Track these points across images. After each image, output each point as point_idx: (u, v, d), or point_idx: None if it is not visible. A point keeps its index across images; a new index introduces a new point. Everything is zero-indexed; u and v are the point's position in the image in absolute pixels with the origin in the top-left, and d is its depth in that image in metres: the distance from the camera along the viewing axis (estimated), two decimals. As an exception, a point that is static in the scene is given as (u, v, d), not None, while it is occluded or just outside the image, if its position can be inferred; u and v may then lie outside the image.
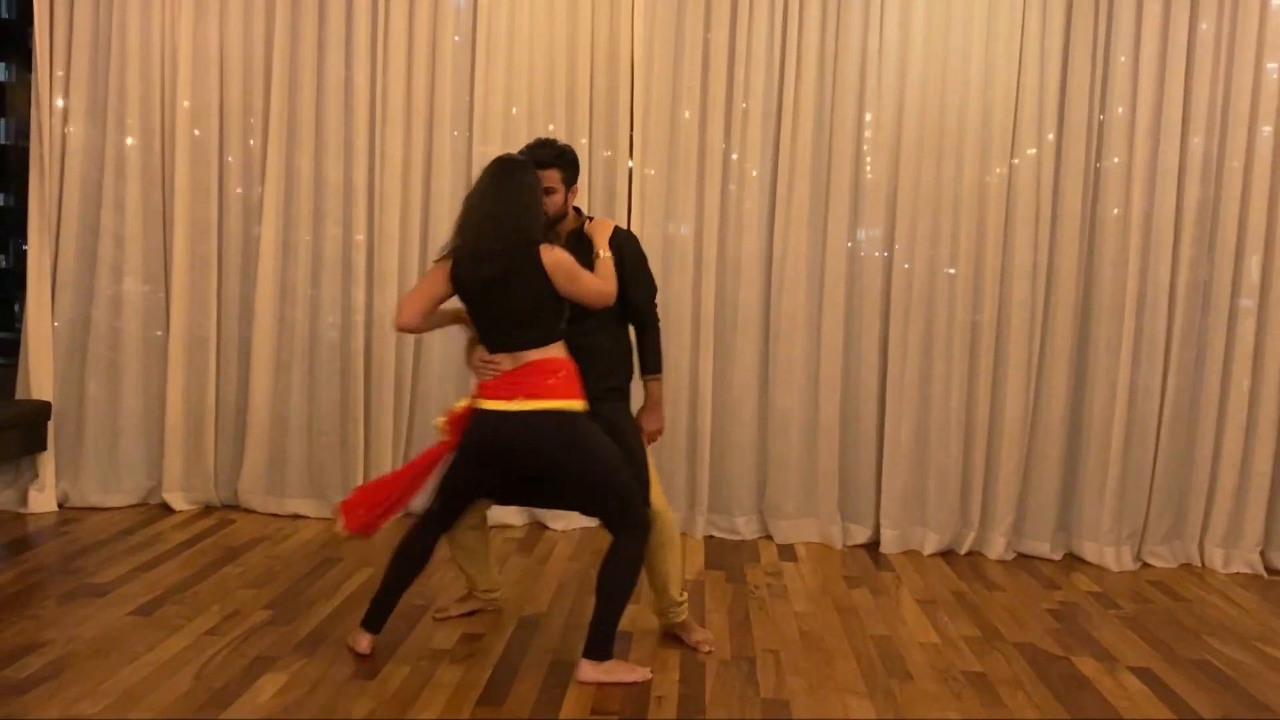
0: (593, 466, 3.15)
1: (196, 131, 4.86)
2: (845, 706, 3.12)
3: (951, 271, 4.76)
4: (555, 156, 3.29)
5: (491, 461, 3.20)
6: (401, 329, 3.26)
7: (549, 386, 3.12)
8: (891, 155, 4.76)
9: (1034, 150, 4.67)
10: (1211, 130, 4.63)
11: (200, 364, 4.93)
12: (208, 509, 4.97)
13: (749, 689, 3.21)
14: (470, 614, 3.74)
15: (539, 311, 3.14)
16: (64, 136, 4.85)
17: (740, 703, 3.11)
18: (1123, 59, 4.62)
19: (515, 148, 4.71)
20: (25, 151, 4.95)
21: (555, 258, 3.10)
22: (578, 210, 3.45)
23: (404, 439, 4.98)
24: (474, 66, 4.82)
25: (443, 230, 4.86)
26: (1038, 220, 4.69)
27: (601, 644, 3.20)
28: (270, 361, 4.93)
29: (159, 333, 4.94)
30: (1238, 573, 4.72)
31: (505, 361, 3.16)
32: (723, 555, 4.62)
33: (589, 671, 3.19)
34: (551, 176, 3.28)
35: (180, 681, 3.08)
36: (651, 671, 3.26)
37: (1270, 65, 4.61)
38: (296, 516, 4.92)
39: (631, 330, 3.49)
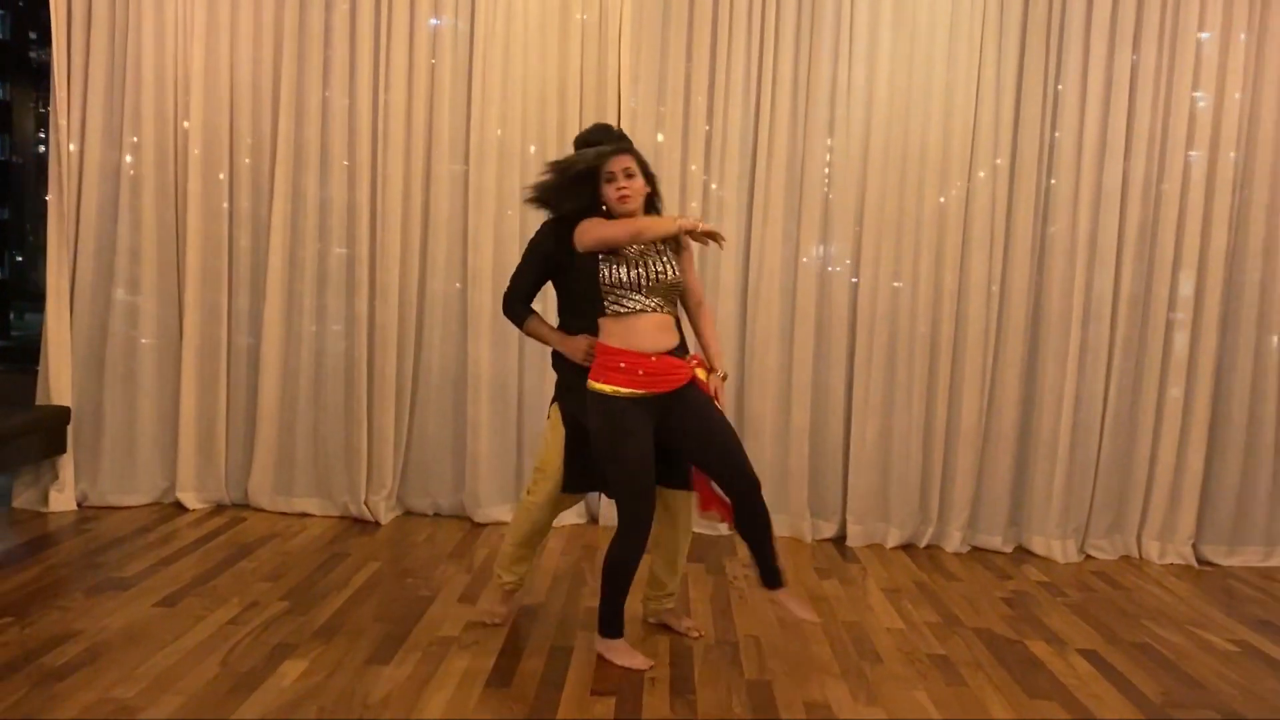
0: (597, 450, 3.27)
1: (204, 152, 4.91)
2: (822, 686, 3.24)
3: (898, 284, 4.90)
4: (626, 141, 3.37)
5: None
6: None
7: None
8: (858, 181, 4.91)
9: (986, 174, 4.84)
10: (1151, 155, 4.81)
11: (212, 371, 4.98)
12: (219, 508, 5.03)
13: (734, 671, 3.33)
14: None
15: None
16: (81, 155, 4.89)
17: (727, 684, 3.23)
18: (1070, 89, 4.79)
19: (508, 173, 4.90)
20: (24, 168, 4.98)
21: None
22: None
23: (404, 441, 5.06)
24: (470, 95, 4.91)
25: (441, 247, 4.97)
26: (992, 240, 4.86)
27: (600, 623, 3.34)
28: (278, 369, 5.00)
29: (173, 342, 4.99)
30: (1171, 564, 4.90)
31: None
32: (703, 549, 4.74)
33: (597, 645, 3.35)
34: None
35: (208, 667, 3.15)
36: (651, 663, 3.32)
37: (1198, 94, 4.81)
38: (304, 515, 4.99)
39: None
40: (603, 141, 3.32)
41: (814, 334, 4.93)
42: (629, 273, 3.19)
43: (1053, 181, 4.86)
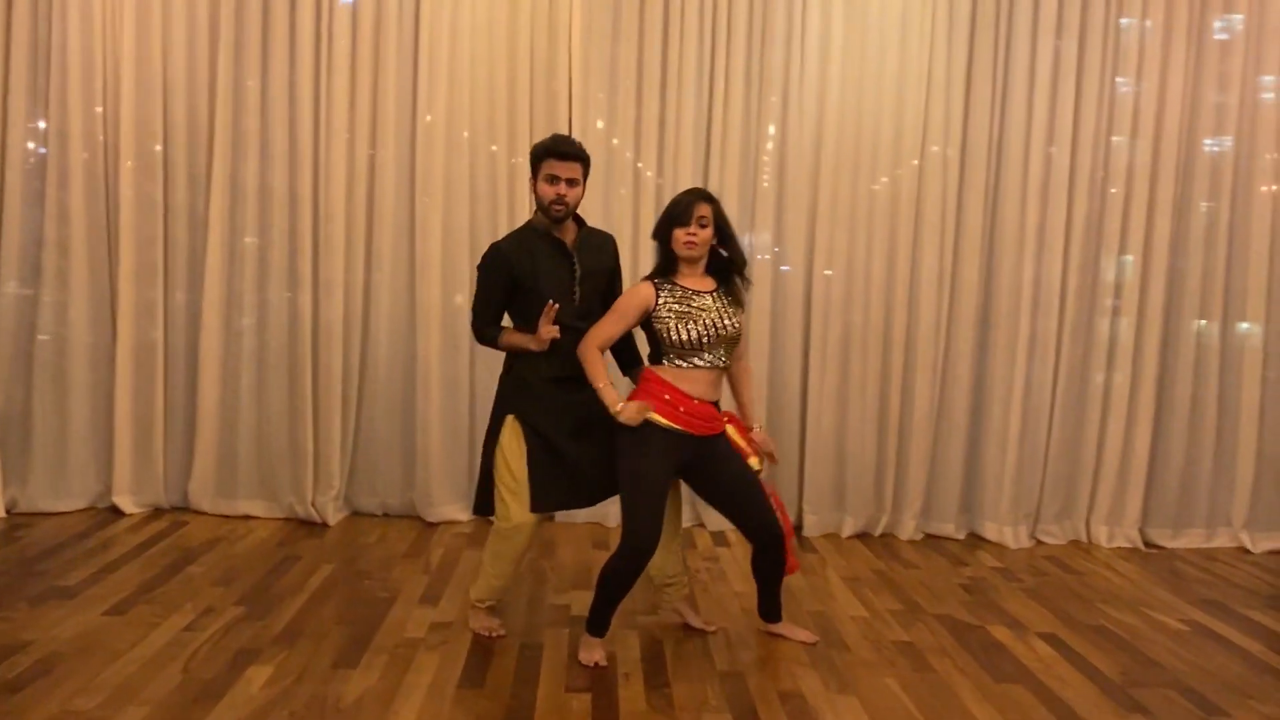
0: (619, 466, 3.36)
1: (137, 142, 4.85)
2: (794, 676, 3.36)
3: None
4: (580, 150, 3.44)
5: None
6: None
7: None
8: (811, 172, 5.04)
9: (937, 165, 4.99)
10: (1097, 145, 5.02)
11: (148, 370, 4.93)
12: (158, 511, 4.98)
13: (706, 663, 3.43)
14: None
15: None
16: (3, 145, 4.78)
17: (700, 676, 3.33)
18: (1017, 80, 4.98)
19: (457, 162, 4.93)
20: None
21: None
22: (579, 219, 3.58)
23: (351, 440, 5.06)
24: (416, 83, 4.92)
25: (387, 240, 4.98)
26: (943, 231, 5.03)
27: (589, 622, 3.44)
28: (218, 367, 4.96)
29: (106, 340, 4.92)
30: (1119, 547, 5.14)
31: None
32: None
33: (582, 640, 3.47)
34: (574, 168, 3.40)
35: (170, 675, 3.15)
36: (604, 662, 3.38)
37: (1123, 81, 5.03)
38: (248, 517, 4.96)
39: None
40: (557, 149, 3.39)
41: (770, 327, 5.06)
42: (694, 332, 3.30)
43: (1001, 172, 5.04)
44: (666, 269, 3.40)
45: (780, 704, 3.14)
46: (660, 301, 3.33)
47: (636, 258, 4.95)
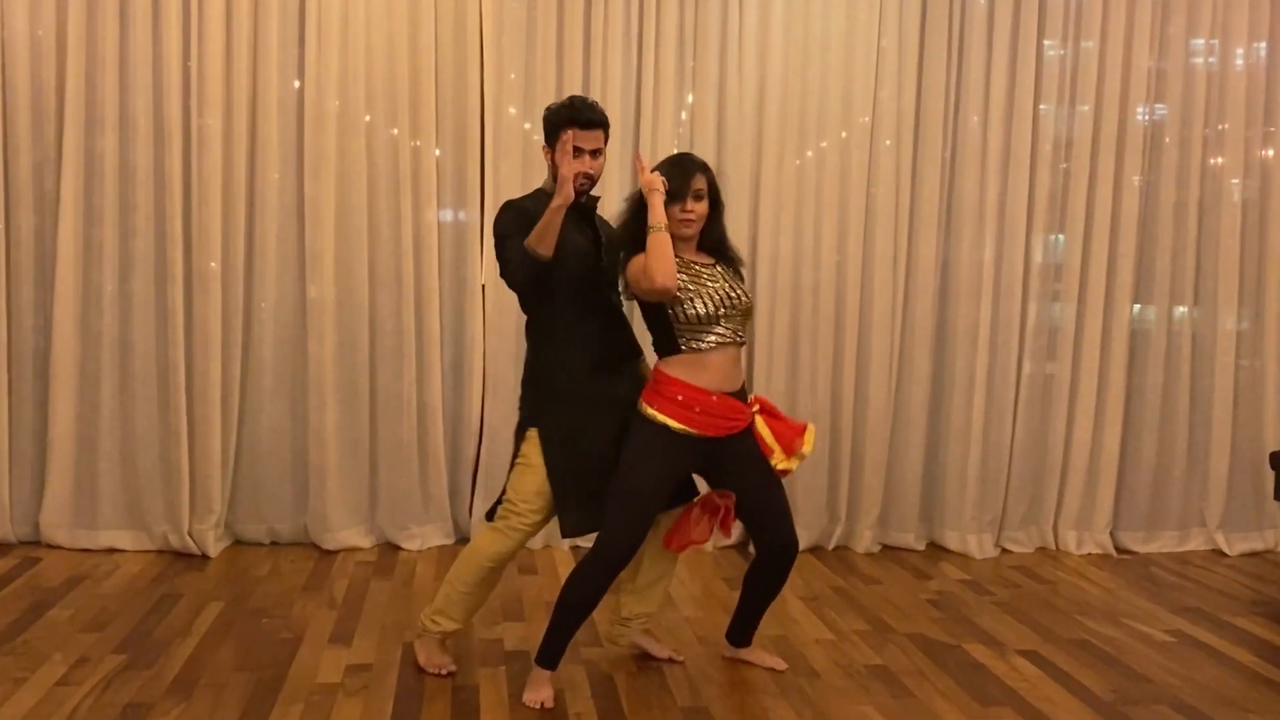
0: (622, 470, 3.33)
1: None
2: (764, 709, 3.41)
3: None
4: (603, 114, 3.38)
5: None
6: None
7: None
8: (754, 146, 5.10)
9: (891, 141, 5.11)
10: (1059, 117, 5.20)
11: (-12, 381, 4.74)
12: (4, 547, 4.79)
13: (666, 698, 3.46)
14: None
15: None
16: None
17: (660, 712, 3.35)
18: (974, 50, 5.13)
19: (352, 138, 4.84)
20: None
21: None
22: None
23: (232, 458, 4.94)
24: (303, 48, 4.83)
25: (271, 228, 4.87)
26: (897, 208, 5.14)
27: (542, 652, 3.40)
28: (73, 376, 4.80)
29: (-64, 346, 4.72)
30: (1090, 553, 5.33)
31: None
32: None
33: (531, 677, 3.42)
34: (597, 137, 3.35)
35: (48, 740, 3.04)
36: (550, 703, 3.35)
37: (1087, 42, 5.22)
38: (113, 550, 4.82)
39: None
40: (579, 117, 3.32)
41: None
42: (705, 307, 3.28)
43: (958, 142, 5.18)
44: None
45: (754, 740, 3.18)
46: None
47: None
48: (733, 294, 3.36)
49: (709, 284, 3.33)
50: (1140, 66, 5.22)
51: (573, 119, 3.31)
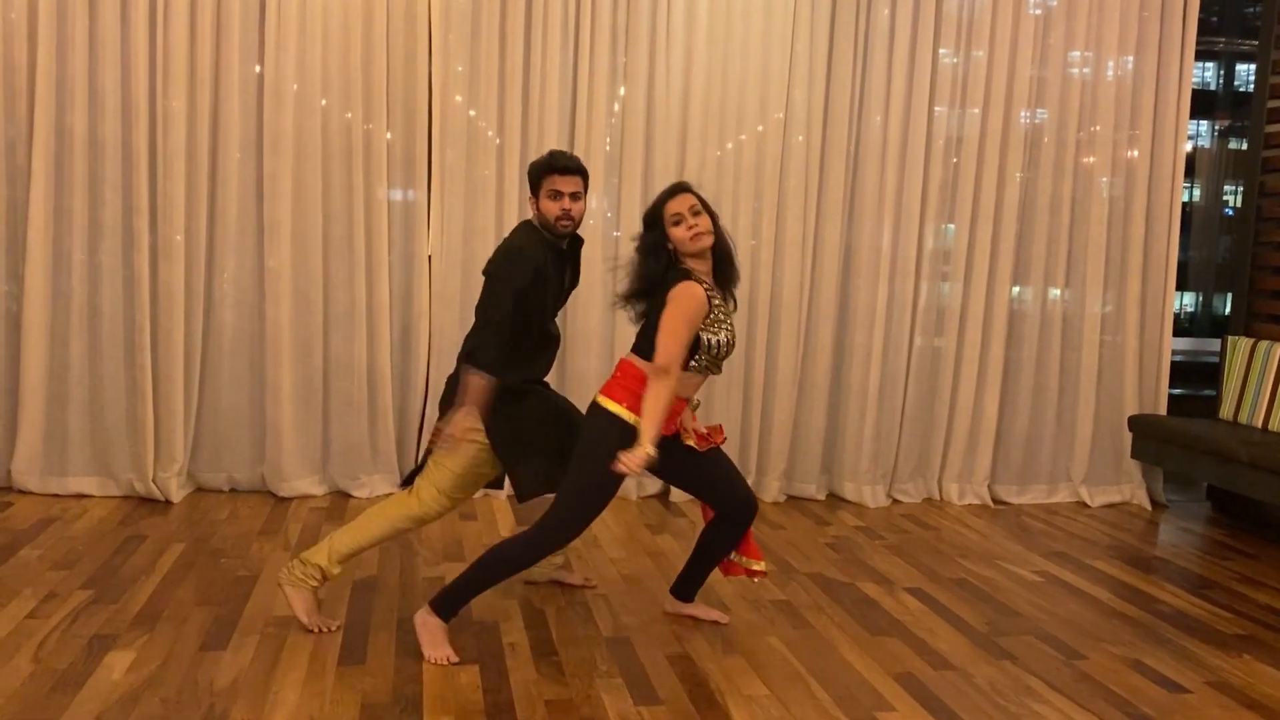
0: (578, 463, 3.18)
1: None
2: (680, 639, 3.44)
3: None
4: (579, 163, 3.36)
5: None
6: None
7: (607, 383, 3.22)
8: (679, 138, 5.10)
9: (802, 137, 5.14)
10: (951, 112, 5.27)
11: (-38, 338, 4.60)
12: (-23, 493, 4.66)
13: (590, 628, 3.47)
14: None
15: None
16: None
17: (586, 641, 3.36)
18: (877, 44, 5.16)
19: (309, 116, 4.74)
20: None
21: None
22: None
23: (195, 412, 4.85)
24: (263, 31, 4.72)
25: (232, 197, 4.77)
26: (806, 197, 5.17)
27: (444, 602, 3.21)
28: (45, 335, 4.67)
29: (-89, 305, 4.56)
30: (970, 504, 5.44)
31: None
32: (531, 512, 4.81)
33: (420, 617, 3.21)
34: (575, 182, 3.33)
35: (19, 666, 2.97)
36: (455, 658, 3.17)
37: (978, 52, 5.30)
38: (81, 496, 4.72)
39: None
40: (557, 165, 3.32)
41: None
42: (725, 336, 3.15)
43: (862, 138, 5.23)
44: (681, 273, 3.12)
45: (670, 666, 3.20)
46: (712, 304, 3.12)
47: (502, 229, 4.90)
48: (732, 324, 3.20)
49: (725, 316, 3.16)
50: (1024, 74, 5.30)
51: (552, 166, 3.32)
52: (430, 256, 4.98)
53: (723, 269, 3.26)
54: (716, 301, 3.16)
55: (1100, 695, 3.13)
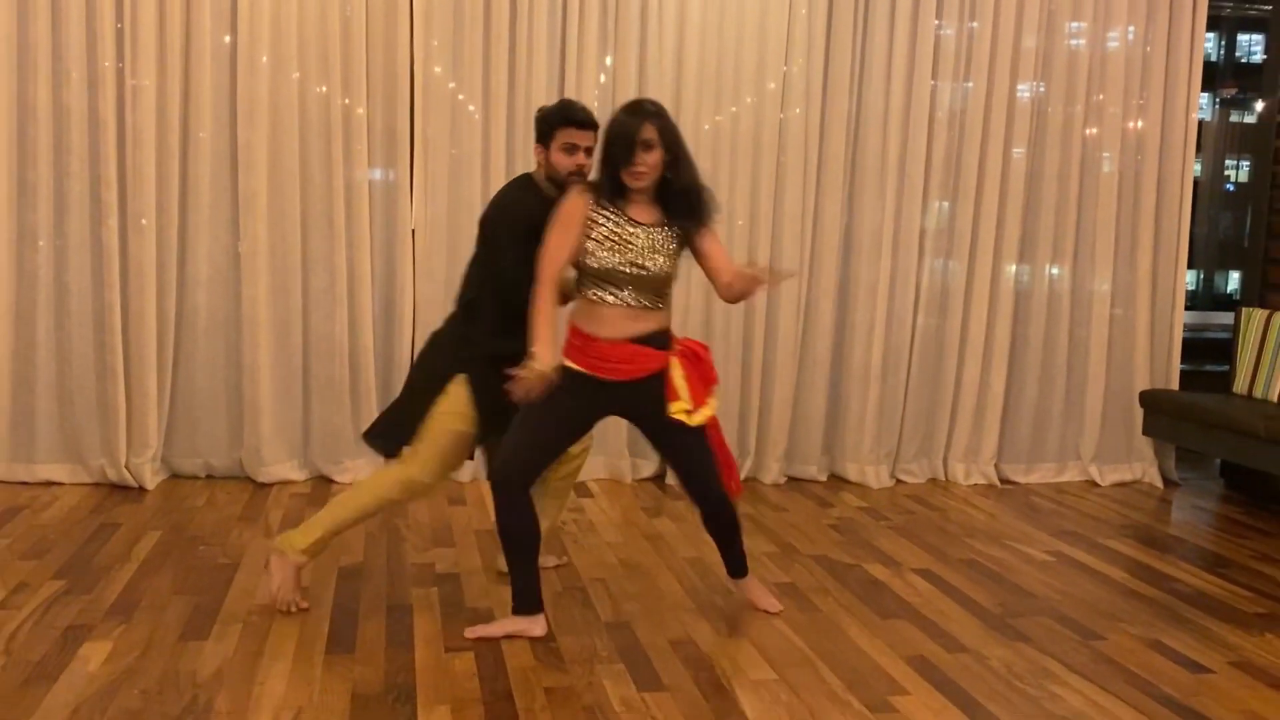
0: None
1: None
2: (681, 623, 3.40)
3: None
4: (593, 116, 3.30)
5: None
6: None
7: None
8: (671, 108, 4.96)
9: (800, 109, 5.08)
10: (956, 82, 5.22)
11: (-78, 319, 4.51)
12: (-61, 481, 4.58)
13: (589, 615, 3.43)
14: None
15: None
16: None
17: (585, 627, 3.32)
18: (877, 27, 5.12)
19: (283, 85, 4.66)
20: None
21: None
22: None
23: (168, 395, 4.77)
24: (235, 1, 4.64)
25: (204, 169, 4.69)
26: (805, 171, 5.12)
27: (516, 597, 3.23)
28: (9, 315, 4.60)
29: None
30: (976, 484, 5.42)
31: None
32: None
33: (515, 625, 3.23)
34: (591, 136, 3.26)
35: (-11, 659, 2.91)
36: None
37: (974, 23, 5.25)
38: (50, 483, 4.64)
39: None
40: (575, 118, 3.26)
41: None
42: (609, 261, 3.08)
43: (862, 111, 5.18)
44: (614, 191, 3.11)
45: (673, 651, 3.17)
46: (594, 219, 3.10)
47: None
48: (639, 260, 3.07)
49: (623, 244, 3.07)
50: (1029, 45, 5.26)
51: (569, 119, 3.25)
52: (414, 230, 4.91)
53: (677, 209, 3.16)
54: (602, 219, 3.09)
55: (1121, 676, 3.11)
